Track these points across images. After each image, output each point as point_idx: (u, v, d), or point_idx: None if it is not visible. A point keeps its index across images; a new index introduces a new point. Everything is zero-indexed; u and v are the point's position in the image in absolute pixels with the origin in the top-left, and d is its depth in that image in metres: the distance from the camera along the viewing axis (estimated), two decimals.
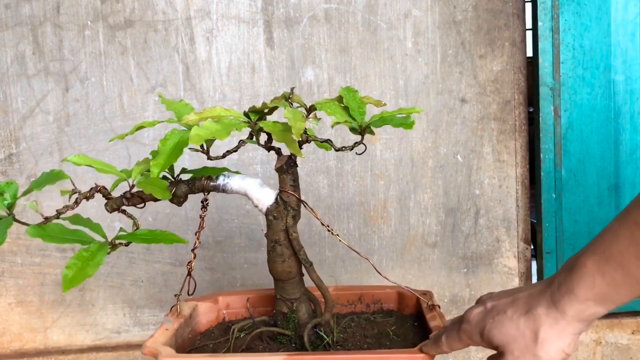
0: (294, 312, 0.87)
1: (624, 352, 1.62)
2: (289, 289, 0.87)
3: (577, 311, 0.62)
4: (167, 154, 0.78)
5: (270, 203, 0.85)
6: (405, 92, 1.56)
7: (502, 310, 0.68)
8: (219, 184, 0.88)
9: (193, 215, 1.55)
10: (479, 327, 0.69)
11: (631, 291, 0.59)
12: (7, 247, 1.52)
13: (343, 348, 0.84)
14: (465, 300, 1.63)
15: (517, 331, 0.66)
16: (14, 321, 1.54)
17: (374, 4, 1.54)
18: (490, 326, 0.68)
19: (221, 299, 1.01)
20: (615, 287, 0.59)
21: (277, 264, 0.86)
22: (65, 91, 1.50)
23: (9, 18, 1.48)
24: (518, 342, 0.66)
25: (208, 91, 1.53)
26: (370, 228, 1.59)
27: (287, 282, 0.87)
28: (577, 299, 0.62)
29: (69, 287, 0.74)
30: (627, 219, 0.58)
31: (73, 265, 0.77)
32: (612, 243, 0.59)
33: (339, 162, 1.56)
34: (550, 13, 1.57)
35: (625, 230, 0.58)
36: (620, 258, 0.58)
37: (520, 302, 0.67)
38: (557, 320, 0.64)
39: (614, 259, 0.59)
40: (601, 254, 0.60)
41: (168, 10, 1.50)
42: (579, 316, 0.63)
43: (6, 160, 1.51)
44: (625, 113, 1.60)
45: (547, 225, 1.61)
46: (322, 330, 0.85)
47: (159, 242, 0.82)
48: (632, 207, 0.58)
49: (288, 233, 0.85)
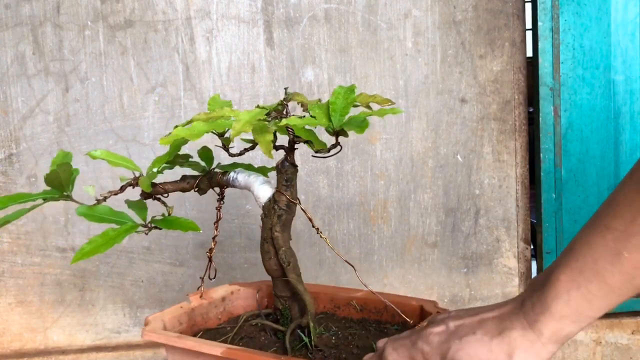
0: (286, 309, 0.89)
1: (623, 352, 1.62)
2: (279, 285, 0.89)
3: (553, 331, 0.58)
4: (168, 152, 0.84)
5: (265, 201, 0.87)
6: (405, 92, 1.56)
7: (470, 331, 0.61)
8: (229, 179, 0.93)
9: (193, 215, 1.55)
10: (441, 349, 0.62)
11: (606, 303, 0.55)
12: (7, 247, 1.52)
13: (322, 354, 0.82)
14: (465, 300, 1.63)
15: (489, 354, 0.59)
16: (14, 321, 1.54)
17: (374, 4, 1.54)
18: (456, 348, 0.61)
19: (265, 287, 1.03)
20: (590, 300, 0.55)
21: (265, 260, 0.89)
22: (65, 91, 1.50)
23: (9, 18, 1.48)
24: None
25: (208, 91, 1.53)
26: (370, 228, 1.59)
27: (277, 279, 0.89)
28: (552, 317, 0.57)
29: (78, 259, 0.78)
30: (598, 225, 0.55)
31: (94, 241, 0.83)
32: (585, 252, 0.55)
33: (339, 162, 1.56)
34: (550, 13, 1.57)
35: (597, 237, 0.55)
36: (594, 266, 0.54)
37: (491, 323, 0.61)
38: (534, 343, 0.58)
39: (588, 269, 0.55)
40: (574, 265, 0.56)
41: (168, 10, 1.50)
42: (555, 337, 0.58)
43: (6, 160, 1.51)
44: (625, 113, 1.60)
45: (547, 225, 1.62)
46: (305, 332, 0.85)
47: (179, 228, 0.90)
48: (601, 211, 0.55)
49: (272, 231, 0.85)
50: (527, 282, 1.65)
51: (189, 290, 1.55)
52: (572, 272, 0.56)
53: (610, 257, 0.53)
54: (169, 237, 1.55)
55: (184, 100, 1.52)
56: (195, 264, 1.56)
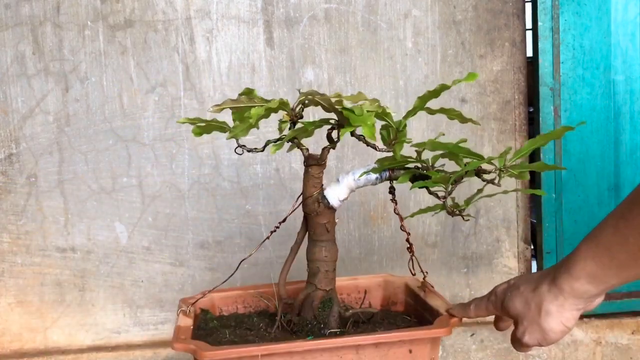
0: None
1: (623, 352, 1.62)
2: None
3: (572, 288, 0.73)
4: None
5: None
6: (405, 92, 1.56)
7: (518, 286, 0.80)
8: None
9: (193, 215, 1.55)
10: (501, 299, 0.82)
11: (617, 274, 0.69)
12: (7, 247, 1.52)
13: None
14: (465, 300, 1.63)
15: (525, 304, 0.78)
16: (14, 321, 1.54)
17: (374, 4, 1.54)
18: (507, 299, 0.80)
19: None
20: (603, 269, 0.70)
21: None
22: (65, 91, 1.50)
23: (9, 18, 1.48)
24: (527, 314, 0.78)
25: (208, 91, 1.53)
26: (370, 228, 1.59)
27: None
28: (571, 276, 0.73)
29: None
30: (616, 212, 0.69)
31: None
32: (602, 231, 0.70)
33: (339, 162, 1.56)
34: (550, 13, 1.57)
35: (612, 221, 0.69)
36: (607, 244, 0.69)
37: (532, 280, 0.79)
38: (557, 296, 0.75)
39: (602, 245, 0.70)
40: (592, 240, 0.71)
41: (168, 10, 1.50)
42: (574, 293, 0.73)
43: (6, 160, 1.51)
44: (625, 113, 1.60)
45: (547, 225, 1.61)
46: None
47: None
48: (622, 202, 0.69)
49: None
50: None
51: (189, 290, 1.55)
52: (591, 244, 0.71)
53: (621, 239, 0.67)
54: (169, 237, 1.55)
55: (184, 100, 1.52)
56: (195, 264, 1.56)
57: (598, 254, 0.70)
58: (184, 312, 0.94)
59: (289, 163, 1.56)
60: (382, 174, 0.91)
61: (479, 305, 0.86)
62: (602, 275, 0.71)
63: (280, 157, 1.55)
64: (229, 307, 1.04)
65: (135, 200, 1.53)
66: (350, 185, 0.90)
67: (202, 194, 1.55)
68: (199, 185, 1.54)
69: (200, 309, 1.00)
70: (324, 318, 0.89)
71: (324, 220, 0.90)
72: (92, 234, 1.53)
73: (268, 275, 1.54)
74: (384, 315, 0.99)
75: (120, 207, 1.53)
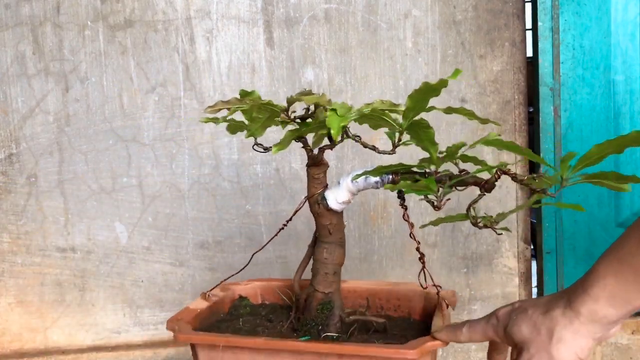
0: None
1: (623, 352, 1.62)
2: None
3: (590, 311, 0.66)
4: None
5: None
6: (405, 92, 1.56)
7: (525, 309, 0.72)
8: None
9: (193, 215, 1.55)
10: (504, 323, 0.73)
11: (637, 287, 0.62)
12: (7, 247, 1.52)
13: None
14: (465, 300, 1.63)
15: (534, 329, 0.69)
16: (14, 321, 1.54)
17: (374, 4, 1.54)
18: (512, 323, 0.72)
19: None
20: (626, 286, 0.63)
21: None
22: (65, 91, 1.50)
23: (9, 18, 1.48)
24: (535, 340, 0.69)
25: (208, 91, 1.53)
26: (370, 228, 1.59)
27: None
28: (589, 298, 0.65)
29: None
30: (638, 224, 0.63)
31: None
32: (624, 246, 0.64)
33: (339, 162, 1.56)
34: (550, 13, 1.57)
35: (635, 233, 0.63)
36: (631, 259, 0.62)
37: (541, 303, 0.71)
38: (572, 321, 0.67)
39: (625, 260, 0.63)
40: (614, 256, 0.64)
41: (168, 10, 1.50)
42: (593, 317, 0.66)
43: (6, 160, 1.51)
44: (625, 113, 1.60)
45: (547, 225, 1.61)
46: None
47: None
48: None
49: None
50: (526, 282, 1.65)
51: (189, 290, 1.55)
52: (612, 261, 0.65)
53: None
54: (169, 237, 1.55)
55: (184, 100, 1.52)
56: (195, 264, 1.56)
57: (620, 271, 0.63)
58: (203, 296, 0.96)
59: (289, 163, 1.56)
60: (383, 177, 0.90)
61: (474, 328, 0.77)
62: (625, 295, 0.64)
63: (280, 157, 1.55)
64: (271, 297, 1.04)
65: (135, 200, 1.53)
66: (349, 188, 0.90)
67: (202, 194, 1.55)
68: (199, 185, 1.54)
69: (239, 296, 1.02)
70: (323, 320, 0.88)
71: (326, 221, 0.90)
72: (92, 234, 1.53)
73: (267, 276, 1.54)
74: (405, 325, 0.96)
75: (120, 207, 1.53)
